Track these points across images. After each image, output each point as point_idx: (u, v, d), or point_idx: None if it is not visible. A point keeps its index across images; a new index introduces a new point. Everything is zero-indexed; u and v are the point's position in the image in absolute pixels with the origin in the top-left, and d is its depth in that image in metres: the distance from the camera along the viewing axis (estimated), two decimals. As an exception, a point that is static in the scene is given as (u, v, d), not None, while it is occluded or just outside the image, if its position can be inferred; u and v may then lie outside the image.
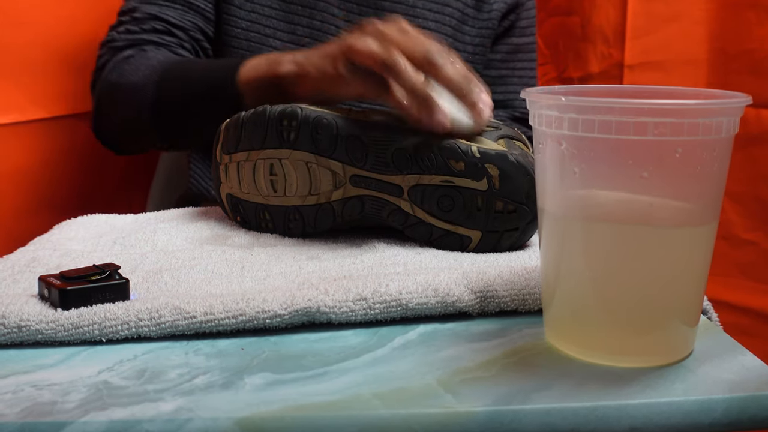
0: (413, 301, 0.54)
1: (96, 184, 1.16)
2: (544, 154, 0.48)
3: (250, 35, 0.96)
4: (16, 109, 1.02)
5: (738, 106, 0.45)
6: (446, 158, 0.64)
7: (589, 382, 0.45)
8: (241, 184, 0.72)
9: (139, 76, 0.89)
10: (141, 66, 0.90)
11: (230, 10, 0.96)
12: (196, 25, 0.96)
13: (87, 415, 0.41)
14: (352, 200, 0.68)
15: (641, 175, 0.45)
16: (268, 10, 0.96)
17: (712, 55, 1.17)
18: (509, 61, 1.10)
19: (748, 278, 1.18)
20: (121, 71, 0.91)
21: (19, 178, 1.03)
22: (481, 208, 0.65)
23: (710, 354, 0.49)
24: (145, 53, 0.92)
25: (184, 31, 0.96)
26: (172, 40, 0.95)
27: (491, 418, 0.42)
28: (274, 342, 0.51)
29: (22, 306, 0.51)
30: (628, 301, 0.47)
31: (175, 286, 0.57)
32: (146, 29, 0.94)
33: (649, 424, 0.43)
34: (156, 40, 0.94)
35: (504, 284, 0.55)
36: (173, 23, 0.95)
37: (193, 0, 0.96)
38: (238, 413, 0.42)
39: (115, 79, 0.91)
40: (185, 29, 0.96)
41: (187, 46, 0.96)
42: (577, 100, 0.45)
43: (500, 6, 1.07)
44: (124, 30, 0.95)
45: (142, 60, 0.91)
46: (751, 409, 0.44)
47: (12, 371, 0.47)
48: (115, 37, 0.96)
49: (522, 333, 0.52)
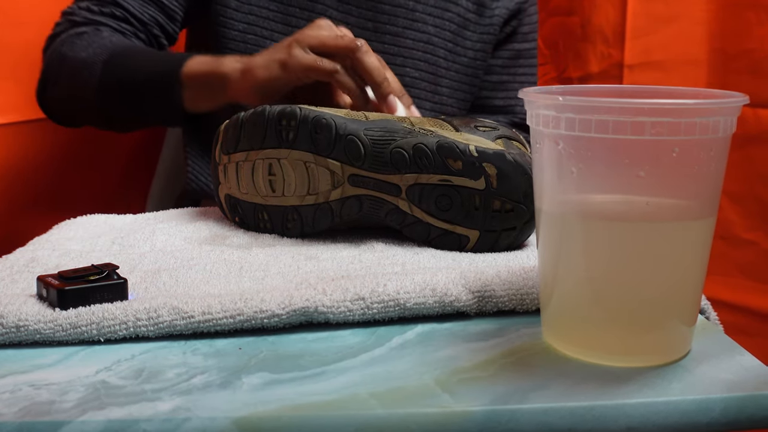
0: (411, 300, 0.54)
1: (95, 184, 1.16)
2: (541, 154, 0.48)
3: (247, 37, 0.96)
4: (16, 109, 1.02)
5: (735, 105, 0.45)
6: (444, 157, 0.65)
7: (587, 382, 0.45)
8: (239, 185, 0.72)
9: (89, 52, 0.90)
10: (92, 43, 0.91)
11: (227, 12, 0.96)
12: (155, 20, 0.97)
13: (85, 415, 0.41)
14: (350, 200, 0.68)
15: (638, 175, 0.45)
16: (265, 12, 0.96)
17: (711, 55, 1.17)
18: (510, 67, 1.09)
19: (748, 278, 1.18)
20: (71, 44, 0.92)
21: (18, 178, 1.03)
22: (479, 208, 0.65)
23: (708, 354, 0.49)
24: (99, 32, 0.94)
25: (141, 23, 0.96)
26: (127, 28, 0.96)
27: (489, 417, 0.42)
28: (272, 342, 0.51)
29: (21, 306, 0.51)
30: (625, 301, 0.47)
31: (174, 286, 0.57)
32: (105, 13, 0.96)
33: (646, 423, 0.43)
34: (112, 24, 0.95)
35: (502, 284, 0.55)
36: (132, 13, 0.96)
37: None
38: (235, 413, 0.42)
39: (65, 51, 0.92)
40: (143, 22, 0.96)
41: (143, 38, 0.97)
42: (574, 100, 0.45)
43: (502, 12, 1.06)
44: (86, 7, 0.97)
45: (94, 38, 0.92)
46: (749, 409, 0.44)
47: (10, 371, 0.47)
48: (75, 11, 0.97)
49: (519, 333, 0.52)
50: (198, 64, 0.85)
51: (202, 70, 0.84)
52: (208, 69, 0.84)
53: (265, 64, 0.79)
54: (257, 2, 0.96)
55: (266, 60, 0.80)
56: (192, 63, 0.85)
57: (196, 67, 0.85)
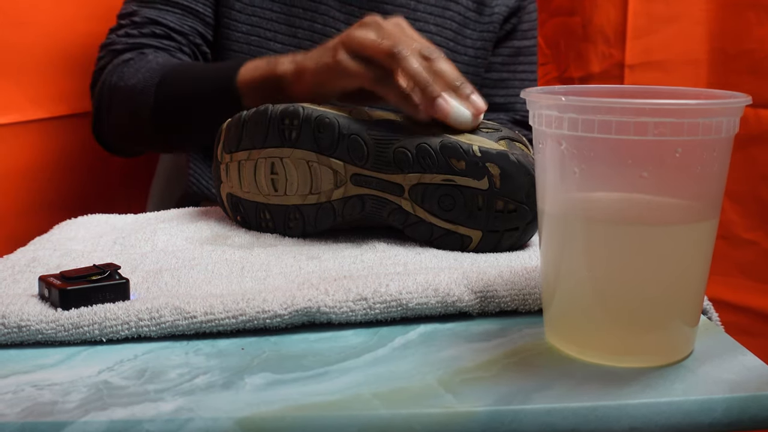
0: (413, 301, 0.54)
1: (96, 184, 1.16)
2: (544, 154, 0.48)
3: (250, 39, 0.96)
4: (16, 109, 1.02)
5: (738, 106, 0.45)
6: (447, 157, 0.64)
7: (589, 382, 0.45)
8: (241, 184, 0.72)
9: (139, 78, 0.89)
10: (141, 69, 0.90)
11: (231, 14, 0.96)
12: (195, 30, 0.96)
13: (87, 415, 0.41)
14: (352, 199, 0.68)
15: (641, 175, 0.45)
16: (269, 13, 0.96)
17: (712, 55, 1.17)
18: (510, 64, 1.09)
19: (749, 278, 1.18)
20: (121, 74, 0.91)
21: (19, 178, 1.03)
22: (482, 208, 0.65)
23: (710, 354, 0.49)
24: (144, 56, 0.92)
25: (183, 35, 0.96)
26: (171, 45, 0.95)
27: (492, 418, 0.42)
28: (275, 342, 0.51)
29: (23, 306, 0.51)
30: (628, 301, 0.47)
31: (175, 286, 0.57)
32: (145, 33, 0.95)
33: (649, 423, 0.43)
34: (155, 44, 0.94)
35: (504, 284, 0.55)
36: (172, 27, 0.95)
37: (192, 5, 0.96)
38: (238, 413, 0.42)
39: (115, 81, 0.91)
40: (184, 34, 0.96)
41: (187, 51, 0.96)
42: (577, 100, 0.45)
43: (502, 9, 1.06)
44: (124, 33, 0.96)
45: (141, 63, 0.91)
46: (752, 409, 0.44)
47: (12, 371, 0.47)
48: (114, 40, 0.96)
49: (522, 333, 0.52)
50: (252, 71, 0.82)
51: (257, 76, 0.81)
52: (263, 74, 0.81)
53: (315, 67, 0.76)
54: (260, 4, 0.96)
55: (316, 63, 0.76)
56: (245, 71, 0.82)
57: (250, 74, 0.82)
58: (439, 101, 0.66)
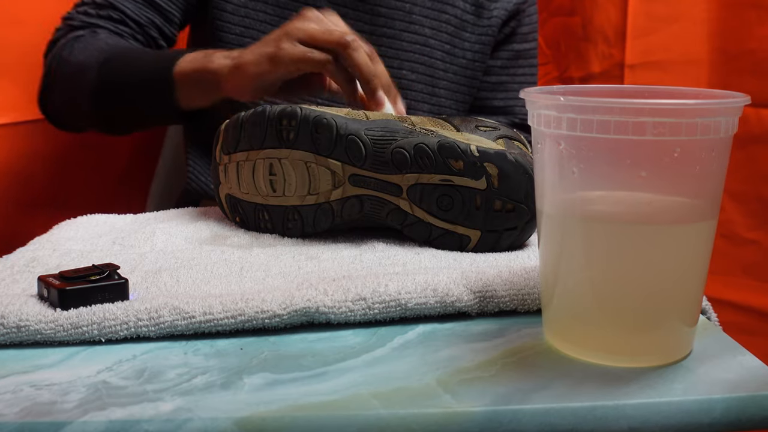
0: (412, 301, 0.54)
1: (95, 184, 1.16)
2: (542, 154, 0.48)
3: (244, 41, 0.95)
4: (16, 109, 1.02)
5: (736, 105, 0.45)
6: (445, 157, 0.64)
7: (588, 382, 0.45)
8: (240, 185, 0.72)
9: (86, 55, 0.91)
10: (89, 46, 0.92)
11: (223, 16, 0.96)
12: (152, 22, 0.97)
13: (86, 415, 0.41)
14: (351, 200, 0.68)
15: (640, 175, 0.45)
16: (261, 15, 0.96)
17: (712, 55, 1.17)
18: (510, 68, 1.09)
19: (750, 277, 1.18)
20: (71, 48, 0.93)
21: (18, 178, 1.03)
22: (480, 207, 0.65)
23: (709, 354, 0.49)
24: (96, 35, 0.94)
25: (138, 25, 0.96)
26: (125, 30, 0.96)
27: (490, 417, 0.42)
28: (273, 342, 0.51)
29: (22, 306, 0.51)
30: (627, 301, 0.47)
31: (174, 286, 0.57)
32: (102, 15, 0.96)
33: (648, 423, 0.43)
34: (109, 27, 0.95)
35: (503, 284, 0.55)
36: (128, 15, 0.96)
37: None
38: (237, 413, 0.42)
39: (65, 56, 0.93)
40: (140, 24, 0.96)
41: (141, 39, 0.97)
42: (575, 100, 0.45)
43: (501, 13, 1.06)
44: (83, 12, 0.97)
45: (91, 40, 0.92)
46: (751, 409, 0.44)
47: (11, 371, 0.47)
48: (73, 16, 0.97)
49: (521, 333, 0.52)
50: (188, 63, 0.84)
51: (192, 68, 0.84)
52: (198, 66, 0.83)
53: (255, 59, 0.78)
54: (253, 6, 0.96)
55: (256, 55, 0.79)
56: (183, 62, 0.84)
57: (187, 66, 0.84)
58: (379, 93, 0.76)
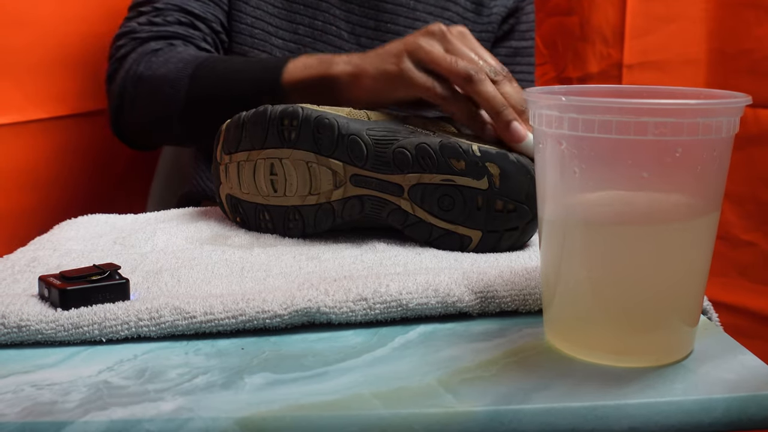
0: (413, 301, 0.54)
1: (96, 184, 1.16)
2: (544, 154, 0.48)
3: (254, 32, 0.95)
4: (16, 109, 1.02)
5: (738, 106, 0.45)
6: (447, 157, 0.65)
7: (589, 382, 0.45)
8: (241, 185, 0.72)
9: (170, 68, 0.86)
10: (171, 59, 0.87)
11: (237, 5, 0.95)
12: (217, 18, 0.94)
13: (87, 415, 0.41)
14: (352, 200, 0.68)
15: (641, 175, 0.45)
16: (272, 8, 0.96)
17: (710, 55, 1.17)
18: (508, 65, 1.09)
19: (747, 279, 1.18)
20: (149, 63, 0.88)
21: (19, 178, 1.03)
22: (482, 208, 0.65)
23: (710, 354, 0.49)
24: (174, 47, 0.89)
25: (206, 23, 0.93)
26: (196, 34, 0.92)
27: (491, 417, 0.42)
28: (274, 342, 0.51)
29: (22, 306, 0.51)
30: (628, 301, 0.47)
31: (175, 286, 0.57)
32: (171, 21, 0.92)
33: (648, 423, 0.43)
34: (182, 32, 0.91)
35: (504, 284, 0.55)
36: (197, 15, 0.92)
37: None
38: (238, 413, 0.42)
39: (142, 71, 0.88)
40: (208, 21, 0.93)
41: (209, 40, 0.94)
42: (577, 100, 0.45)
43: (500, 10, 1.07)
44: (147, 21, 0.92)
45: (171, 53, 0.88)
46: (751, 409, 0.44)
47: (12, 371, 0.47)
48: (136, 29, 0.92)
49: (522, 333, 0.52)
50: (301, 70, 0.79)
51: (308, 75, 0.78)
52: (315, 73, 0.78)
53: (374, 73, 0.74)
54: None
55: (376, 69, 0.74)
56: (293, 69, 0.79)
57: (299, 73, 0.79)
58: (514, 125, 0.68)
